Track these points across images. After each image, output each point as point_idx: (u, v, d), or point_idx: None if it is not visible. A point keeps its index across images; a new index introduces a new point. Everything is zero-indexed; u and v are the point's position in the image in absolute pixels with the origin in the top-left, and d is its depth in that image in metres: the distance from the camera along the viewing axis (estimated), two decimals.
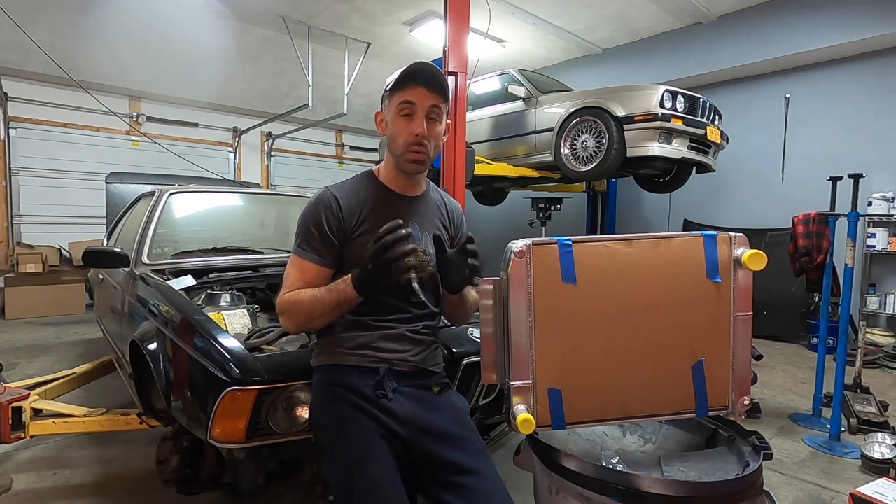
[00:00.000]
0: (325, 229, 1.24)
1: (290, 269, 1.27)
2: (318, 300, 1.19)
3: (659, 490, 1.07)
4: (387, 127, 1.28)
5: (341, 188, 1.31)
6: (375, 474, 1.15)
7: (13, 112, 6.45)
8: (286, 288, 1.25)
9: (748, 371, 1.24)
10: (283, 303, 1.24)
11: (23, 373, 3.71)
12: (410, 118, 1.23)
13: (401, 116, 1.23)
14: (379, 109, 1.32)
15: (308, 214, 1.27)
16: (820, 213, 3.07)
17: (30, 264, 5.98)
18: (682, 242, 1.21)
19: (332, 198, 1.27)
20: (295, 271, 1.26)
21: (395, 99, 1.24)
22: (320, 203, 1.27)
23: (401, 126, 1.24)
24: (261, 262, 2.47)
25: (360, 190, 1.31)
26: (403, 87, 1.22)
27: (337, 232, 1.25)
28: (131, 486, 2.19)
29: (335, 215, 1.25)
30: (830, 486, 2.32)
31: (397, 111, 1.24)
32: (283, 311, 1.24)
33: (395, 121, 1.25)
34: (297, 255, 1.26)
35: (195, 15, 6.14)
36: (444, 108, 1.27)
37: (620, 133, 4.34)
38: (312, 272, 1.25)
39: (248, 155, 8.55)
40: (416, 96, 1.22)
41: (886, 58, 5.22)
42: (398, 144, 1.25)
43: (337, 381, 1.24)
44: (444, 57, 3.61)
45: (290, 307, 1.22)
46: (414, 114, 1.23)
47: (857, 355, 3.24)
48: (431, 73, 1.23)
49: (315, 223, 1.25)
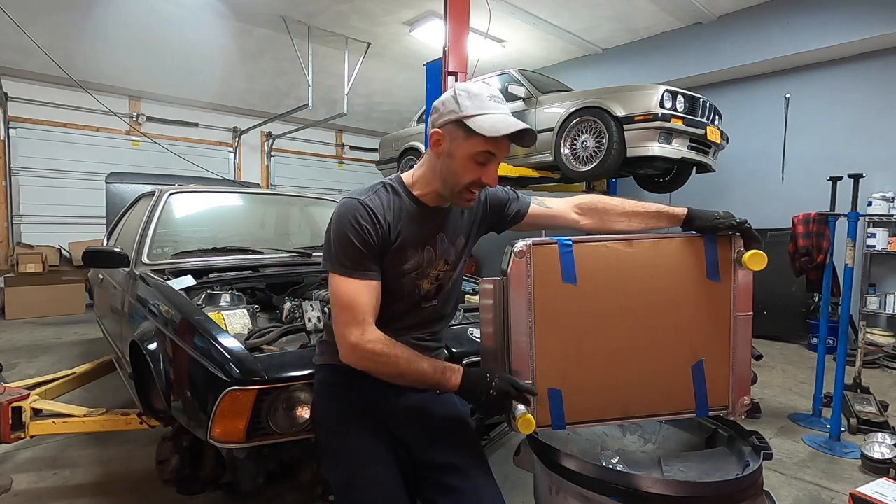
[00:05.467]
0: (373, 245, 1.16)
1: (352, 294, 1.14)
2: (416, 368, 1.12)
3: (659, 490, 1.07)
4: (448, 155, 1.15)
5: (374, 200, 1.18)
6: (376, 474, 1.15)
7: (13, 112, 6.46)
8: (358, 319, 1.12)
9: (748, 371, 1.23)
10: (374, 346, 1.11)
11: (23, 373, 3.71)
12: (485, 166, 1.15)
13: (475, 161, 1.14)
14: (438, 129, 1.16)
15: (350, 229, 1.14)
16: (820, 213, 3.07)
17: (30, 264, 5.98)
18: (682, 242, 1.21)
19: (372, 212, 1.16)
20: (361, 297, 1.14)
21: (479, 143, 1.11)
22: (361, 217, 1.15)
23: (471, 168, 1.14)
24: (261, 263, 2.46)
25: (393, 203, 1.21)
26: (496, 138, 1.10)
27: (378, 247, 1.17)
28: (131, 486, 2.19)
29: (378, 233, 1.16)
30: (830, 486, 2.32)
31: (476, 156, 1.13)
32: (369, 354, 1.12)
33: (466, 161, 1.14)
34: (356, 278, 1.14)
35: (195, 15, 6.13)
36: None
37: (620, 133, 4.34)
38: (376, 291, 1.17)
39: (248, 155, 8.56)
40: (501, 150, 1.14)
41: (887, 58, 5.22)
42: (459, 182, 1.15)
43: (339, 381, 1.24)
44: (444, 57, 3.62)
45: (381, 355, 1.11)
46: (490, 164, 1.15)
47: (857, 355, 3.24)
48: (530, 138, 1.14)
49: (362, 240, 1.14)
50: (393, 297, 1.21)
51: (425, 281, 1.25)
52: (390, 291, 1.21)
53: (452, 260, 1.29)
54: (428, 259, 1.24)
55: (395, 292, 1.22)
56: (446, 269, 1.28)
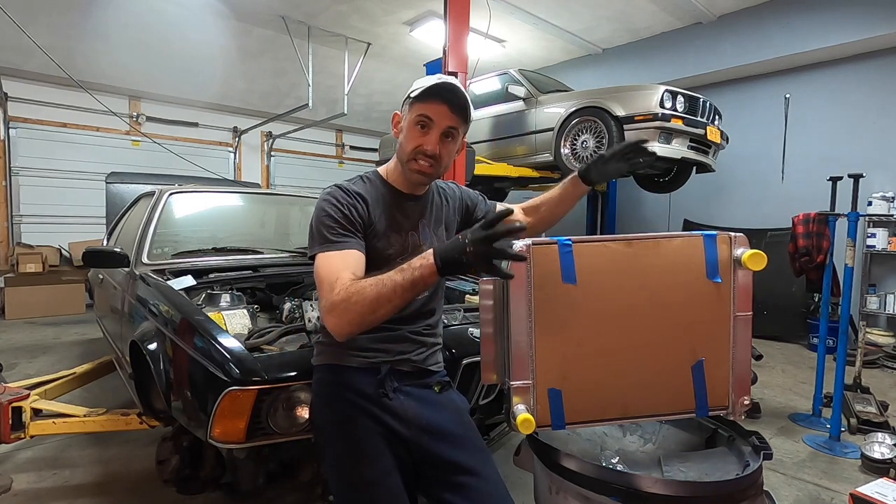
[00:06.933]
0: (353, 218, 1.19)
1: (326, 267, 1.12)
2: (386, 283, 1.02)
3: (659, 490, 1.07)
4: (401, 131, 1.26)
5: (358, 185, 1.27)
6: (375, 474, 1.15)
7: (13, 112, 6.45)
8: (333, 284, 1.08)
9: (748, 371, 1.23)
10: (336, 297, 1.05)
11: (23, 373, 3.71)
12: (425, 131, 1.21)
13: (416, 126, 1.21)
14: (398, 111, 1.28)
15: (330, 207, 1.19)
16: (820, 213, 3.07)
17: (30, 264, 5.98)
18: (682, 242, 1.21)
19: (355, 192, 1.23)
20: (333, 267, 1.11)
21: (415, 109, 1.21)
22: (343, 197, 1.21)
23: (413, 136, 1.22)
24: (261, 262, 2.46)
25: (370, 190, 1.28)
26: (426, 100, 1.19)
27: (359, 221, 1.20)
28: (131, 486, 2.19)
29: (361, 210, 1.21)
30: (830, 486, 2.32)
31: (414, 121, 1.21)
32: (337, 307, 1.05)
33: (409, 129, 1.23)
34: (329, 250, 1.14)
35: (195, 15, 6.13)
36: (461, 130, 1.25)
37: (620, 133, 4.34)
38: (353, 259, 1.14)
39: (248, 155, 8.55)
40: (436, 113, 1.20)
41: (886, 58, 5.22)
42: (406, 151, 1.23)
43: (338, 381, 1.24)
44: (444, 57, 3.61)
45: (347, 298, 1.04)
46: (429, 129, 1.21)
47: (857, 355, 3.24)
48: (456, 93, 1.20)
49: (342, 215, 1.18)
50: None
51: None
52: None
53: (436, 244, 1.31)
54: (413, 244, 1.28)
55: None
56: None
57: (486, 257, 0.96)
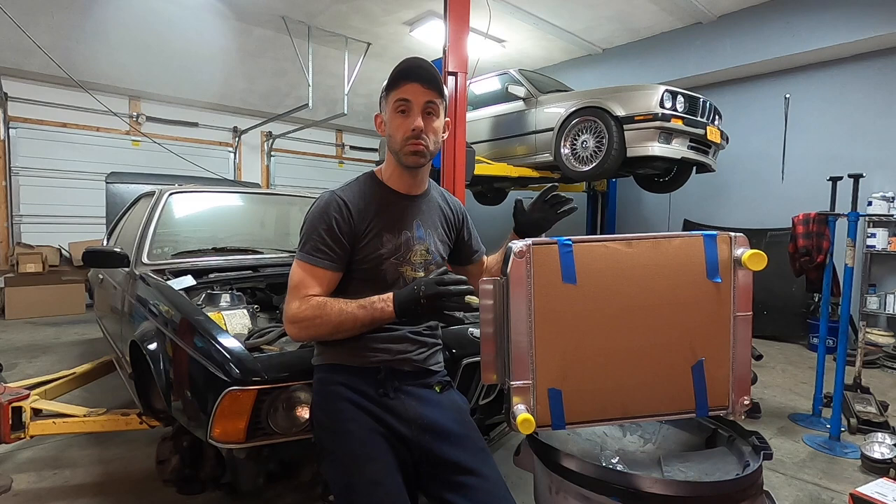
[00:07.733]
0: (337, 233, 1.21)
1: (301, 276, 1.21)
2: (348, 315, 1.16)
3: (659, 490, 1.07)
4: (385, 127, 1.28)
5: (348, 191, 1.28)
6: (375, 473, 1.15)
7: (13, 112, 6.45)
8: (299, 296, 1.19)
9: (748, 371, 1.23)
10: (304, 313, 1.16)
11: (23, 373, 3.71)
12: (407, 115, 1.23)
13: (397, 114, 1.23)
14: (378, 112, 1.32)
15: (317, 219, 1.23)
16: (820, 213, 3.07)
17: (30, 264, 5.98)
18: (682, 242, 1.21)
19: (342, 202, 1.24)
20: (307, 279, 1.20)
21: (390, 98, 1.24)
22: (330, 207, 1.23)
23: (398, 123, 1.23)
24: (261, 262, 2.46)
25: (366, 192, 1.29)
26: (397, 85, 1.22)
27: (348, 236, 1.23)
28: (131, 486, 2.19)
29: (346, 220, 1.23)
30: (830, 486, 2.32)
31: (393, 109, 1.24)
32: (302, 321, 1.17)
33: (392, 119, 1.25)
34: (307, 262, 1.21)
35: (195, 15, 6.14)
36: (440, 104, 1.26)
37: (620, 133, 4.34)
38: (326, 279, 1.21)
39: (248, 155, 8.55)
40: (410, 93, 1.22)
41: (887, 58, 5.22)
42: (396, 141, 1.24)
43: (338, 381, 1.24)
44: (444, 57, 3.61)
45: (312, 318, 1.16)
46: (410, 110, 1.22)
47: (857, 355, 3.24)
48: (424, 68, 1.22)
49: (326, 228, 1.21)
50: (379, 287, 1.24)
51: (408, 268, 1.28)
52: (374, 280, 1.25)
53: (433, 249, 1.34)
54: (405, 242, 1.29)
55: (379, 280, 1.25)
56: (428, 257, 1.32)
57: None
